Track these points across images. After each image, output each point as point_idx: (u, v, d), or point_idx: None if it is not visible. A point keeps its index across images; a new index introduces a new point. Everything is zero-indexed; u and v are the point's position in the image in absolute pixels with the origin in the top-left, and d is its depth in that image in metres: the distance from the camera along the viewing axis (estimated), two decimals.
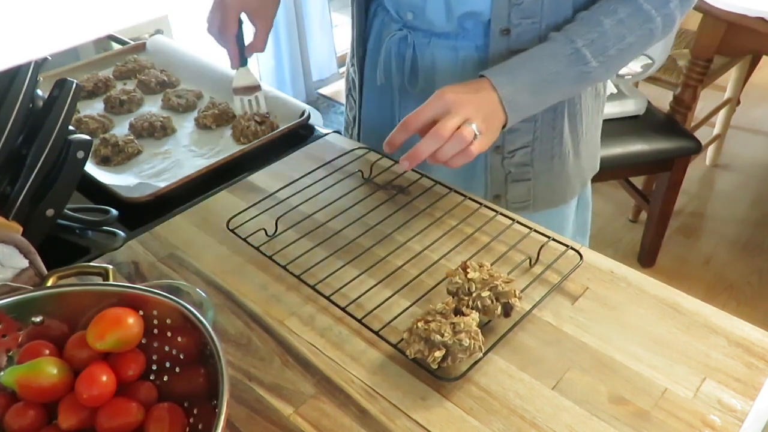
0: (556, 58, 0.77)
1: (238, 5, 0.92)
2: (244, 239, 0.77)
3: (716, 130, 2.54)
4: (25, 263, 0.66)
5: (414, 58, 0.90)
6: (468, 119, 0.72)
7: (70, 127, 0.76)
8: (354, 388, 0.61)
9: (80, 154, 0.75)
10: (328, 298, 0.69)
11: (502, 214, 0.80)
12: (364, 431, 0.58)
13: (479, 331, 0.61)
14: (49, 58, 0.85)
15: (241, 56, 0.98)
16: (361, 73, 1.01)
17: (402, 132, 0.74)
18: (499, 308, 0.64)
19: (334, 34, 3.14)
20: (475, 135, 0.72)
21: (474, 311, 0.63)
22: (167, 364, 0.56)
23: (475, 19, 0.83)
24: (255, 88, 1.04)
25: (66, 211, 0.78)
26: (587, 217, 1.10)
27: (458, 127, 0.71)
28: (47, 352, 0.54)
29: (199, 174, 0.91)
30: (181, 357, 0.56)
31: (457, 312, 0.63)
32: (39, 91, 0.75)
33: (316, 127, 1.02)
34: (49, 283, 0.59)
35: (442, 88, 0.75)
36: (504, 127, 0.78)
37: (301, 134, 1.01)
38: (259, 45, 0.96)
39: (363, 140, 1.06)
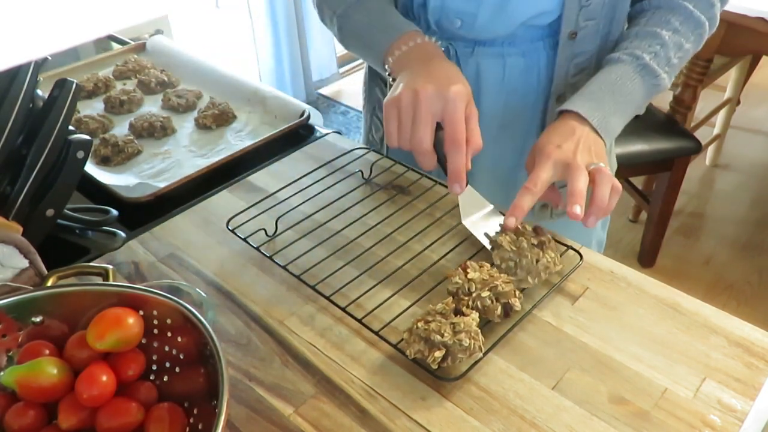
0: (629, 77, 0.78)
1: (465, 94, 0.70)
2: (244, 239, 0.77)
3: (716, 130, 2.54)
4: (25, 263, 0.66)
5: None
6: (588, 162, 0.69)
7: (70, 127, 0.76)
8: (354, 388, 0.61)
9: (80, 154, 0.75)
10: (328, 298, 0.69)
11: (502, 214, 0.80)
12: (364, 431, 0.58)
13: (479, 331, 0.61)
14: (49, 58, 0.85)
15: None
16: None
17: (529, 198, 0.68)
18: (499, 308, 0.64)
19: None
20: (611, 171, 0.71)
21: (474, 311, 0.63)
22: (167, 364, 0.56)
23: (534, 23, 0.82)
24: (491, 212, 0.79)
25: (66, 211, 0.78)
26: (606, 222, 1.09)
27: (589, 173, 0.68)
28: (47, 352, 0.54)
29: (199, 174, 0.91)
30: (181, 357, 0.56)
31: (457, 312, 0.63)
32: (39, 91, 0.75)
33: (316, 127, 1.02)
34: (49, 283, 0.59)
35: (537, 146, 0.71)
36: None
37: (301, 134, 1.01)
38: (480, 139, 0.72)
39: (392, 151, 0.96)
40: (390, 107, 0.71)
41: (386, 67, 0.79)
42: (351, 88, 3.24)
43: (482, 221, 0.76)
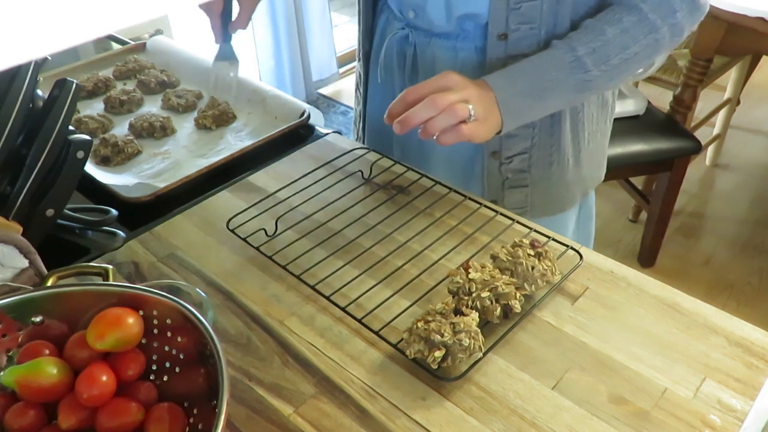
0: (556, 65, 0.77)
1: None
2: (244, 239, 0.77)
3: (716, 130, 2.54)
4: (25, 263, 0.66)
5: (414, 57, 0.91)
6: (467, 100, 0.72)
7: (70, 127, 0.76)
8: (354, 388, 0.61)
9: (80, 154, 0.75)
10: (328, 298, 0.69)
11: (502, 215, 0.80)
12: (364, 431, 0.58)
13: (479, 331, 0.61)
14: (49, 58, 0.85)
15: (224, 31, 0.97)
16: (367, 69, 1.01)
17: (401, 103, 0.74)
18: (498, 309, 0.64)
19: (334, 34, 3.14)
20: (470, 115, 0.71)
21: (474, 311, 0.63)
22: (167, 364, 0.56)
23: (474, 21, 0.83)
24: (234, 64, 1.03)
25: (66, 211, 0.78)
26: (591, 228, 1.09)
27: (455, 103, 0.71)
28: (47, 352, 0.54)
29: (199, 174, 0.91)
30: (181, 357, 0.56)
31: (457, 312, 0.63)
32: (39, 91, 0.75)
33: (316, 127, 1.02)
34: (49, 283, 0.60)
35: (448, 70, 0.75)
36: (500, 132, 0.77)
37: (301, 134, 1.01)
38: (242, 23, 0.94)
39: (367, 135, 1.06)
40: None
41: None
42: (351, 88, 3.24)
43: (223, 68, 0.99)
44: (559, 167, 0.93)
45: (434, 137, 0.73)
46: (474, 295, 0.65)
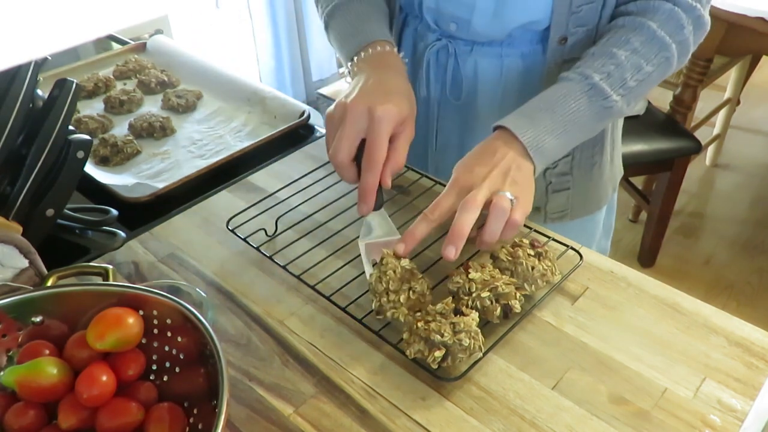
0: (573, 96, 0.73)
1: (395, 114, 0.69)
2: (244, 239, 0.77)
3: (716, 130, 2.54)
4: (25, 263, 0.66)
5: (456, 68, 0.86)
6: (495, 189, 0.66)
7: (70, 127, 0.76)
8: (354, 388, 0.61)
9: (80, 154, 0.75)
10: (328, 298, 0.69)
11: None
12: (364, 431, 0.58)
13: (479, 331, 0.61)
14: (49, 58, 0.85)
15: (378, 195, 0.72)
16: None
17: (424, 225, 0.67)
18: (498, 309, 0.64)
19: None
20: (511, 201, 0.65)
21: (474, 311, 0.63)
22: (167, 364, 0.56)
23: (529, 27, 0.80)
24: (393, 242, 0.70)
25: (66, 211, 0.78)
26: (612, 219, 1.08)
27: (490, 200, 0.65)
28: (47, 352, 0.54)
29: (199, 174, 0.91)
30: (181, 357, 0.56)
31: (457, 312, 0.63)
32: (39, 91, 0.75)
33: (316, 127, 1.02)
34: (49, 283, 0.60)
35: (455, 168, 0.69)
36: (534, 173, 0.71)
37: (301, 134, 1.01)
38: (403, 159, 0.72)
39: None
40: (327, 118, 0.73)
41: (348, 69, 0.79)
42: None
43: (379, 247, 0.69)
44: (600, 167, 0.92)
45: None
46: (474, 295, 0.65)
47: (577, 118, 0.73)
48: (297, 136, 1.00)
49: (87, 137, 0.76)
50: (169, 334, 0.56)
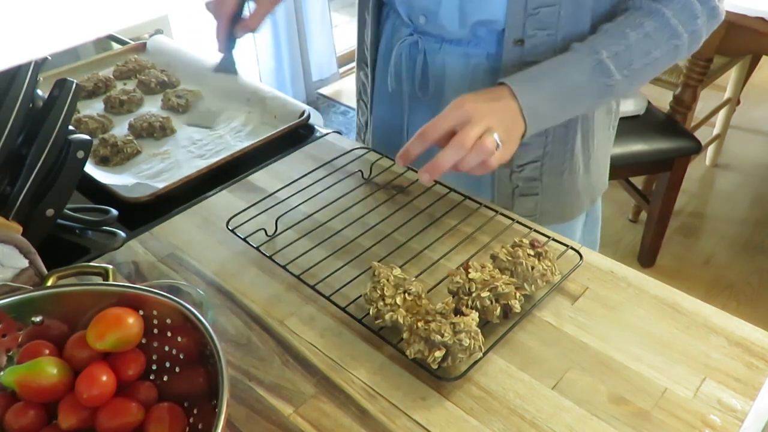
0: (579, 68, 0.75)
1: None
2: (244, 239, 0.77)
3: (716, 130, 2.54)
4: (25, 263, 0.66)
5: (425, 64, 0.89)
6: (489, 128, 0.69)
7: (70, 127, 0.76)
8: (354, 388, 0.61)
9: (80, 154, 0.75)
10: (328, 298, 0.69)
11: (502, 214, 0.80)
12: (364, 431, 0.58)
13: (479, 331, 0.61)
14: (49, 58, 0.85)
15: (230, 38, 0.90)
16: (373, 78, 0.99)
17: (419, 143, 0.71)
18: (498, 309, 0.64)
19: (334, 34, 3.14)
20: (497, 145, 0.69)
21: (474, 311, 0.63)
22: (167, 364, 0.56)
23: (489, 27, 0.82)
24: (232, 77, 1.02)
25: (66, 211, 0.78)
26: (596, 234, 1.08)
27: (480, 137, 0.69)
28: (47, 352, 0.54)
29: (199, 174, 0.91)
30: (181, 357, 0.56)
31: (457, 312, 0.63)
32: (39, 91, 0.75)
33: (316, 127, 1.02)
34: (49, 283, 0.60)
35: (461, 96, 0.72)
36: (522, 137, 0.75)
37: (301, 134, 1.01)
38: (254, 23, 0.88)
39: (374, 145, 1.04)
40: None
41: None
42: (351, 88, 3.23)
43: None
44: (571, 175, 0.92)
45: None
46: (474, 295, 0.65)
47: (578, 90, 0.76)
48: (297, 136, 1.00)
49: (87, 137, 0.76)
50: (169, 334, 0.56)
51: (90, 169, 0.92)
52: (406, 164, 0.73)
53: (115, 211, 0.82)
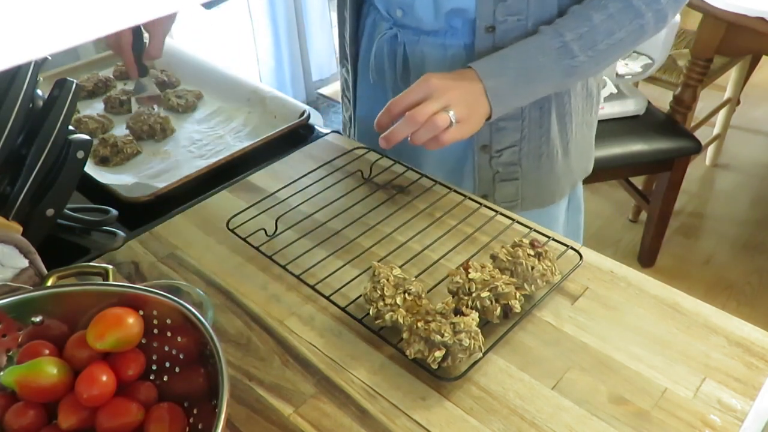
0: (543, 50, 0.78)
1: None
2: (244, 239, 0.77)
3: (716, 130, 2.53)
4: (25, 263, 0.66)
5: (405, 56, 0.91)
6: (447, 106, 0.73)
7: (70, 127, 0.76)
8: (354, 388, 0.61)
9: (80, 154, 0.75)
10: (328, 298, 0.69)
11: (502, 214, 0.80)
12: (364, 431, 0.58)
13: (479, 331, 0.61)
14: (49, 58, 0.85)
15: (139, 65, 0.97)
16: (355, 73, 1.01)
17: (386, 114, 0.76)
18: (499, 309, 0.64)
19: (334, 34, 3.14)
20: (451, 122, 0.73)
21: (474, 311, 0.63)
22: (167, 364, 0.56)
23: (462, 16, 0.84)
24: (156, 98, 1.04)
25: (66, 211, 0.78)
26: (579, 220, 1.10)
27: (435, 113, 0.72)
28: (47, 352, 0.54)
29: (199, 174, 0.91)
30: (181, 357, 0.56)
31: (457, 312, 0.63)
32: (39, 91, 0.75)
33: (316, 127, 1.02)
34: (49, 283, 0.59)
35: (428, 73, 0.76)
36: (489, 118, 0.78)
37: (301, 134, 1.01)
38: (155, 52, 0.96)
39: (359, 139, 1.06)
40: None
41: None
42: None
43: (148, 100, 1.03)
44: (549, 159, 0.94)
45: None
46: (474, 295, 0.65)
47: (543, 71, 0.79)
48: (297, 136, 1.00)
49: (87, 137, 0.76)
50: (169, 334, 0.56)
51: (90, 169, 0.92)
52: (381, 131, 0.76)
53: (115, 211, 0.82)
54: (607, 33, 0.78)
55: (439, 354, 0.59)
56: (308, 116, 1.01)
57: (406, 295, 0.66)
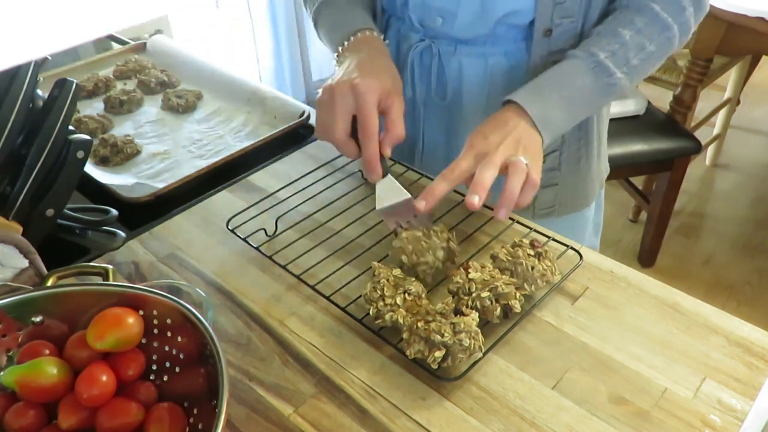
0: (579, 72, 0.76)
1: (377, 87, 0.72)
2: (244, 239, 0.77)
3: (716, 130, 2.54)
4: (25, 263, 0.66)
5: (440, 69, 0.88)
6: (509, 155, 0.69)
7: (70, 127, 0.76)
8: (354, 388, 0.61)
9: (80, 154, 0.75)
10: (328, 298, 0.69)
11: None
12: (364, 431, 0.58)
13: (479, 331, 0.61)
14: (49, 58, 0.85)
15: (382, 163, 0.73)
16: None
17: (442, 182, 0.69)
18: (499, 309, 0.64)
19: None
20: (526, 165, 0.68)
21: (474, 311, 0.63)
22: (167, 364, 0.56)
23: (513, 21, 0.81)
24: (407, 202, 0.74)
25: (66, 211, 0.78)
26: (600, 217, 1.09)
27: (506, 164, 0.68)
28: (47, 352, 0.54)
29: (198, 174, 0.91)
30: (181, 357, 0.56)
31: (457, 312, 0.63)
32: (39, 91, 0.75)
33: None
34: (49, 283, 0.59)
35: (468, 136, 0.72)
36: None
37: (301, 134, 1.01)
38: (401, 129, 0.74)
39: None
40: (318, 104, 0.75)
41: (335, 59, 0.82)
42: None
43: (397, 209, 0.75)
44: (587, 162, 0.93)
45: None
46: (474, 295, 0.65)
47: (583, 93, 0.77)
48: (297, 136, 1.00)
49: (87, 137, 0.76)
50: (169, 334, 0.56)
51: (90, 169, 0.92)
52: (431, 205, 0.69)
53: (115, 211, 0.82)
54: (638, 48, 0.77)
55: (439, 354, 0.59)
56: (308, 116, 1.01)
57: (406, 295, 0.66)
